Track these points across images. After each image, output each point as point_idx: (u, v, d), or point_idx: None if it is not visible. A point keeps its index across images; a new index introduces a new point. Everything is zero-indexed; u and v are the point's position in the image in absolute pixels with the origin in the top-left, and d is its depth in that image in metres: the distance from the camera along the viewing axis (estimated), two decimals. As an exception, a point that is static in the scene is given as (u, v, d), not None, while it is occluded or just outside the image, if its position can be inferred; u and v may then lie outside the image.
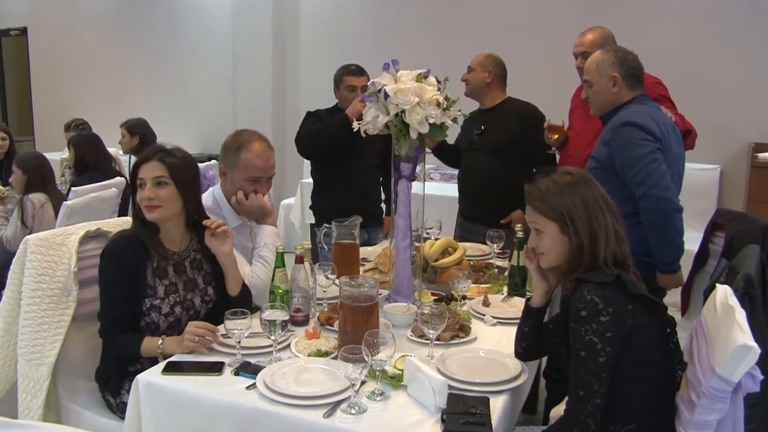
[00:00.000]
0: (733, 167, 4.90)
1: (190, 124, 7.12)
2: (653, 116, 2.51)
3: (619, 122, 2.49)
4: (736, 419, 1.52)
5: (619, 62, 2.57)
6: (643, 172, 2.39)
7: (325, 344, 1.96)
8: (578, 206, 1.67)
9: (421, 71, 2.16)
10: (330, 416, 1.58)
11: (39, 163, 3.91)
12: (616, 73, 2.56)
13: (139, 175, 2.07)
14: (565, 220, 1.68)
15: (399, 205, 2.28)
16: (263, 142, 2.49)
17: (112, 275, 2.03)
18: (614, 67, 2.57)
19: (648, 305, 1.63)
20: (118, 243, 2.08)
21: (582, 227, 1.66)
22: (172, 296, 2.10)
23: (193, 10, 7.10)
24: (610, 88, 2.58)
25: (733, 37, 4.78)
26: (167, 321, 2.09)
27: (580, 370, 1.57)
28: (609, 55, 2.60)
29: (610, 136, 2.51)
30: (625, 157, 2.44)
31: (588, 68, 2.65)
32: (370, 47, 6.03)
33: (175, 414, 1.73)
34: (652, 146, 2.42)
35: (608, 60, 2.58)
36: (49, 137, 8.06)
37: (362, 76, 3.41)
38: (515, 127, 3.32)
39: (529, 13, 5.44)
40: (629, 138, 2.44)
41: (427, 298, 2.39)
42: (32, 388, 2.10)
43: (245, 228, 2.52)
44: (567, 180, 1.72)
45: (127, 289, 2.03)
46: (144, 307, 2.05)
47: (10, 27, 8.83)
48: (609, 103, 2.61)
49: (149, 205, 2.04)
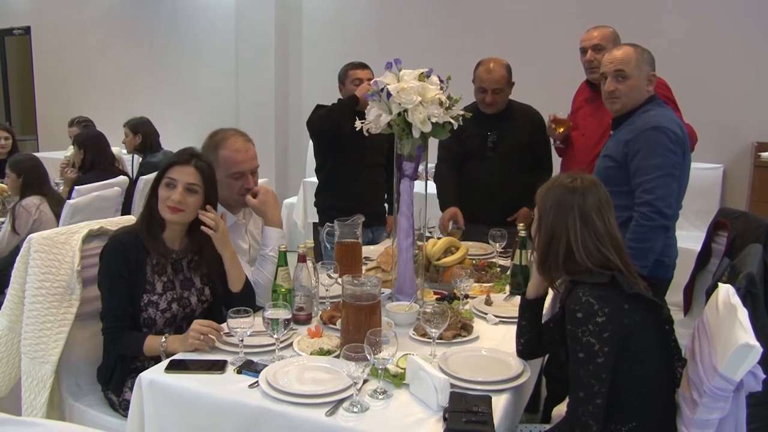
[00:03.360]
0: (736, 166, 4.89)
1: (194, 122, 7.11)
2: (677, 121, 2.50)
3: (646, 125, 2.44)
4: (738, 418, 1.52)
5: (653, 61, 2.54)
6: (656, 181, 2.38)
7: (327, 343, 1.96)
8: (552, 208, 1.75)
9: (424, 70, 2.17)
10: (332, 414, 1.58)
11: (32, 165, 3.84)
12: (654, 72, 2.53)
13: (172, 175, 2.07)
14: (540, 216, 1.77)
15: (401, 204, 2.28)
16: (240, 136, 2.45)
17: (114, 270, 2.04)
18: (651, 65, 2.52)
19: (645, 303, 1.64)
20: (120, 239, 2.08)
21: (545, 226, 1.75)
22: (169, 293, 2.11)
23: (196, 9, 7.11)
24: (645, 87, 2.52)
25: (737, 36, 4.77)
26: (164, 317, 2.09)
27: (579, 372, 1.57)
28: (646, 54, 2.53)
29: (632, 136, 2.46)
30: (644, 162, 2.41)
31: (626, 60, 2.49)
32: (372, 46, 6.03)
33: (177, 412, 1.74)
34: (674, 159, 2.41)
35: (646, 58, 2.52)
36: (52, 137, 8.08)
37: (367, 69, 3.42)
38: (527, 134, 3.32)
39: (533, 12, 5.43)
40: (655, 144, 2.41)
41: (430, 297, 2.39)
42: (36, 386, 2.11)
43: (239, 227, 2.49)
44: (566, 183, 1.78)
45: (128, 283, 2.04)
46: (142, 302, 2.06)
47: (14, 26, 8.84)
48: (639, 101, 2.53)
49: (174, 207, 2.05)
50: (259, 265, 2.37)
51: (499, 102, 3.29)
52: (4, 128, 5.23)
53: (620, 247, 1.74)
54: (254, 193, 2.40)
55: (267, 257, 2.37)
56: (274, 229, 2.40)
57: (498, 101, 3.28)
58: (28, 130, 8.92)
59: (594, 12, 4.80)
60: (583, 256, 1.69)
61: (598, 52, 3.01)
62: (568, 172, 1.84)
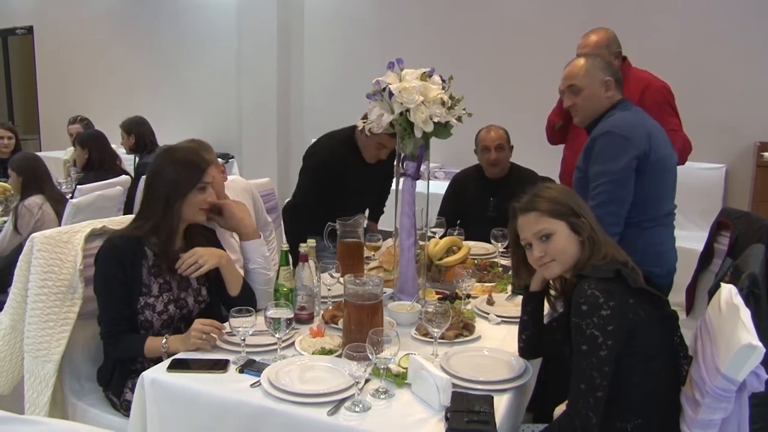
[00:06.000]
0: (738, 166, 4.88)
1: (195, 123, 7.13)
2: (637, 121, 2.42)
3: (598, 132, 2.41)
4: (740, 419, 1.52)
5: (608, 66, 2.50)
6: (600, 188, 2.34)
7: (329, 342, 1.96)
8: (581, 205, 1.79)
9: (426, 70, 2.17)
10: (334, 414, 1.58)
11: (33, 164, 3.83)
12: (610, 77, 2.46)
13: (207, 179, 2.11)
14: (576, 214, 1.74)
15: (403, 203, 2.28)
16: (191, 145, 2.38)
17: (110, 273, 2.03)
18: (605, 71, 2.47)
19: (650, 299, 1.64)
20: (114, 242, 2.07)
21: (586, 222, 1.74)
22: (165, 294, 2.10)
23: (197, 9, 7.12)
24: (603, 94, 2.47)
25: (739, 36, 4.76)
26: (161, 319, 2.09)
27: (582, 364, 1.57)
28: (597, 61, 2.51)
29: (587, 144, 2.44)
30: (591, 170, 2.39)
31: (574, 74, 2.50)
32: (373, 46, 6.05)
33: (179, 411, 1.74)
34: (620, 164, 2.31)
35: (598, 65, 2.49)
36: (54, 136, 8.09)
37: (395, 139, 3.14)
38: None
39: (533, 12, 5.43)
40: (605, 149, 2.36)
41: (432, 297, 2.39)
42: (38, 384, 2.11)
43: (221, 235, 2.39)
44: (562, 187, 1.86)
45: (124, 286, 2.04)
46: (138, 305, 2.05)
47: (16, 26, 8.87)
48: (600, 110, 2.49)
49: (206, 209, 2.12)
50: (248, 279, 2.28)
51: (503, 161, 3.43)
52: (8, 128, 5.23)
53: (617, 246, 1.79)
54: (218, 209, 2.28)
55: (254, 271, 2.30)
56: (252, 242, 2.31)
57: (502, 159, 3.42)
58: (30, 130, 8.94)
59: (594, 12, 4.80)
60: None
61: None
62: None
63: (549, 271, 1.78)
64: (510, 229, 1.88)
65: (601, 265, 1.67)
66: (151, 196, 2.10)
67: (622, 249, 1.78)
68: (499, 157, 3.41)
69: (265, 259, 2.32)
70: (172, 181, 2.07)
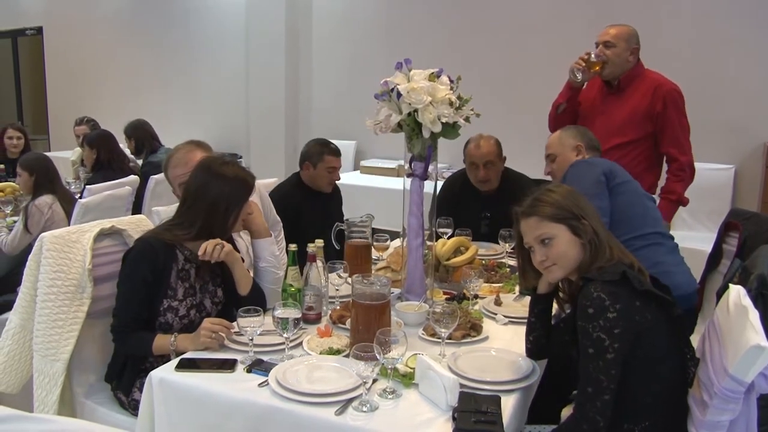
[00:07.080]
0: (747, 167, 4.86)
1: (204, 123, 7.15)
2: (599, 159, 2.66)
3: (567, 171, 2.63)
4: (749, 420, 1.51)
5: (581, 135, 2.74)
6: None
7: (337, 342, 1.97)
8: (583, 207, 1.78)
9: (434, 70, 2.17)
10: (342, 414, 1.58)
11: (44, 164, 3.84)
12: (580, 143, 2.71)
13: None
14: (577, 217, 1.73)
15: (411, 203, 2.28)
16: (185, 147, 2.44)
17: (139, 274, 2.03)
18: (576, 138, 2.72)
19: (656, 301, 1.63)
20: (150, 242, 2.06)
21: (587, 225, 1.74)
22: (189, 299, 2.11)
23: (206, 9, 7.14)
24: (573, 157, 2.69)
25: (749, 36, 4.74)
26: (182, 323, 2.09)
27: (588, 367, 1.57)
28: (570, 131, 2.78)
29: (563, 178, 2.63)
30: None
31: (551, 144, 2.79)
32: (381, 46, 6.05)
33: (187, 410, 1.75)
34: (592, 180, 2.49)
35: (569, 134, 2.75)
36: (63, 136, 8.13)
37: (340, 157, 3.34)
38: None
39: (542, 12, 5.42)
40: (572, 176, 2.56)
41: (439, 297, 2.39)
42: (47, 383, 2.12)
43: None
44: (564, 189, 1.83)
45: (150, 289, 2.04)
46: (161, 307, 2.06)
47: (26, 27, 8.91)
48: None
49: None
50: (258, 278, 2.29)
51: (492, 178, 3.28)
52: (17, 128, 5.26)
53: (623, 247, 1.79)
54: None
55: (264, 270, 2.31)
56: (263, 240, 2.31)
57: (491, 176, 3.28)
58: (39, 130, 8.98)
59: (603, 13, 4.79)
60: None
61: (607, 48, 3.17)
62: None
63: (551, 274, 1.78)
64: (515, 232, 1.88)
65: (607, 267, 1.67)
66: (201, 206, 2.09)
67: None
68: (488, 173, 3.25)
69: (275, 257, 2.32)
70: (227, 194, 2.10)
